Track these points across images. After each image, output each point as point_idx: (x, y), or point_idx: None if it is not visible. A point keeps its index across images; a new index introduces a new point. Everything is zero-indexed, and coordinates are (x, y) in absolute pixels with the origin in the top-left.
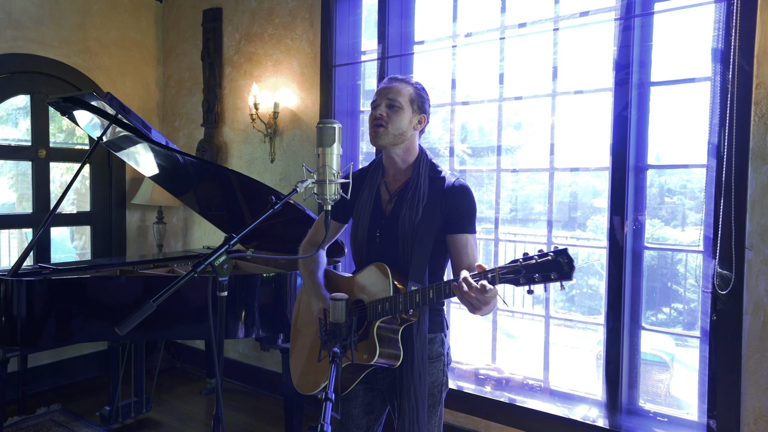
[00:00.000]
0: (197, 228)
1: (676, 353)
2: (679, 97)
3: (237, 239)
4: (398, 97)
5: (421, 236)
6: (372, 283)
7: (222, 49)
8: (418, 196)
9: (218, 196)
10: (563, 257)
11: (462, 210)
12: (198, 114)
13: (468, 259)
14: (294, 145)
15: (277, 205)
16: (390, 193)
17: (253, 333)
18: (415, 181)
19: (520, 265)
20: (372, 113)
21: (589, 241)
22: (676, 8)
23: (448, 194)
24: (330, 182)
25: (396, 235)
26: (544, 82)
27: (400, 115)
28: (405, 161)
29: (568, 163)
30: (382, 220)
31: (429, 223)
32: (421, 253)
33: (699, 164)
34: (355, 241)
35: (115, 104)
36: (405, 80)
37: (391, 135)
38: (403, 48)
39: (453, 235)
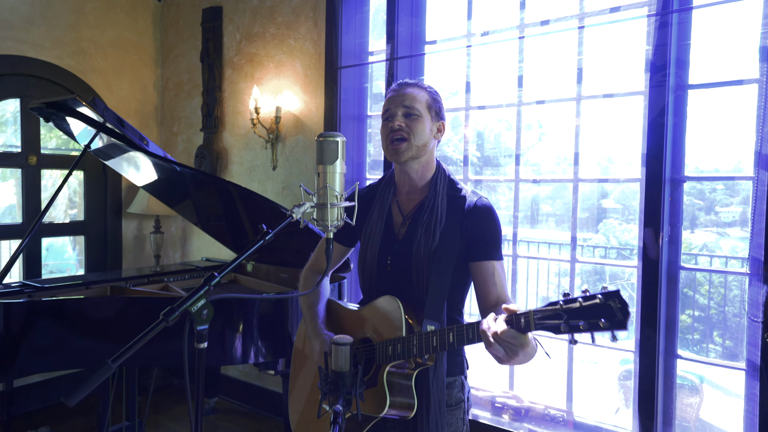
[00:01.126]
0: (196, 238)
1: (705, 374)
2: (720, 101)
3: (219, 278)
4: (415, 104)
5: (439, 265)
6: (382, 319)
7: (222, 49)
8: (436, 218)
9: (217, 208)
10: (615, 301)
11: (487, 234)
12: (197, 118)
13: (496, 290)
14: (297, 152)
15: (268, 235)
16: (403, 214)
17: (251, 359)
18: (431, 201)
19: (560, 308)
20: (386, 126)
21: (601, 248)
22: (718, 2)
23: (470, 216)
24: (332, 206)
25: (410, 263)
26: (568, 85)
27: (421, 123)
28: (422, 177)
29: (593, 173)
30: (394, 246)
31: (448, 250)
32: (438, 285)
33: (745, 176)
34: (363, 269)
35: (108, 115)
36: (418, 84)
37: (414, 148)
38: (414, 48)
39: (477, 263)
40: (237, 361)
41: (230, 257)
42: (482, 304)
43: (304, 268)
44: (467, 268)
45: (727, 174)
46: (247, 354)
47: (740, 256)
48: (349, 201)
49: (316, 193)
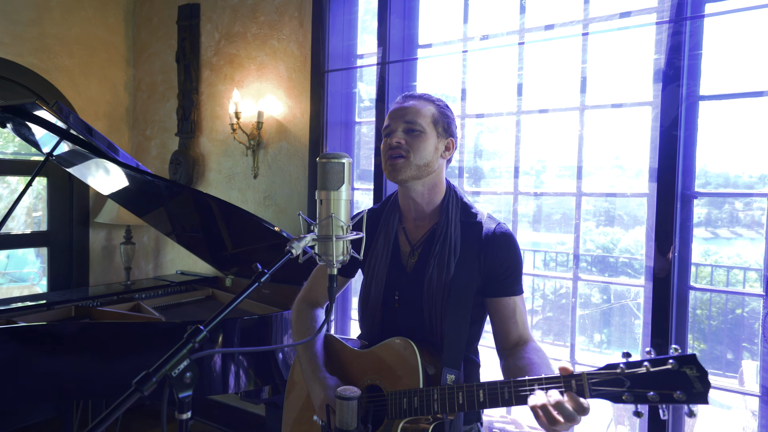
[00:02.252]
0: (170, 249)
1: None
2: (732, 113)
3: (205, 332)
4: (418, 119)
5: (456, 301)
6: (394, 365)
7: (199, 49)
8: (450, 248)
9: (194, 219)
10: (692, 368)
11: (508, 266)
12: (172, 122)
13: (517, 328)
14: (280, 160)
15: (264, 276)
16: (411, 243)
17: (231, 388)
18: (444, 229)
19: (621, 373)
20: (385, 142)
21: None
22: (733, 11)
23: (489, 245)
24: (337, 239)
25: (420, 299)
26: (571, 94)
27: (423, 141)
28: (430, 202)
29: (596, 187)
30: (402, 279)
31: (465, 284)
32: (456, 326)
33: (760, 193)
34: (365, 304)
35: (74, 121)
36: (423, 97)
37: (414, 167)
38: (407, 52)
39: (497, 299)
40: (217, 392)
41: (207, 270)
42: (501, 343)
43: (297, 299)
44: (483, 302)
45: (742, 190)
46: (227, 383)
47: (747, 266)
48: (356, 231)
49: (317, 223)
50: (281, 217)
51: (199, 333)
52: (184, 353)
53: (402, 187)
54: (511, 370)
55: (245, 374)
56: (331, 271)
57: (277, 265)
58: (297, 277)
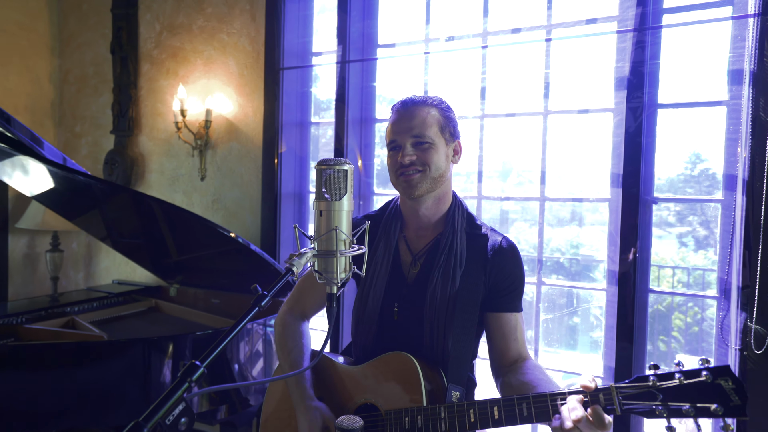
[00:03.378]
0: (104, 256)
1: None
2: (687, 121)
3: (203, 368)
4: (426, 131)
5: (462, 315)
6: (391, 381)
7: (138, 41)
8: (455, 260)
9: (132, 223)
10: (727, 380)
11: (513, 281)
12: (106, 118)
13: (517, 346)
14: (230, 161)
15: (264, 299)
16: (413, 253)
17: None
18: (449, 239)
19: (653, 386)
20: (394, 158)
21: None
22: (692, 23)
23: (495, 259)
24: (341, 254)
25: (421, 312)
26: (534, 99)
27: (435, 153)
28: (436, 212)
29: (560, 192)
30: (402, 290)
31: (470, 298)
32: (461, 341)
33: (715, 199)
34: (360, 316)
35: None
36: (427, 102)
37: (430, 180)
38: (366, 51)
39: (498, 314)
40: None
41: (147, 279)
42: (499, 360)
43: (281, 311)
44: (482, 317)
45: (696, 196)
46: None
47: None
48: (358, 245)
49: (316, 238)
50: (232, 222)
51: (196, 370)
52: (179, 395)
53: (412, 200)
54: (513, 386)
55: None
56: (330, 290)
57: (278, 286)
58: (247, 284)
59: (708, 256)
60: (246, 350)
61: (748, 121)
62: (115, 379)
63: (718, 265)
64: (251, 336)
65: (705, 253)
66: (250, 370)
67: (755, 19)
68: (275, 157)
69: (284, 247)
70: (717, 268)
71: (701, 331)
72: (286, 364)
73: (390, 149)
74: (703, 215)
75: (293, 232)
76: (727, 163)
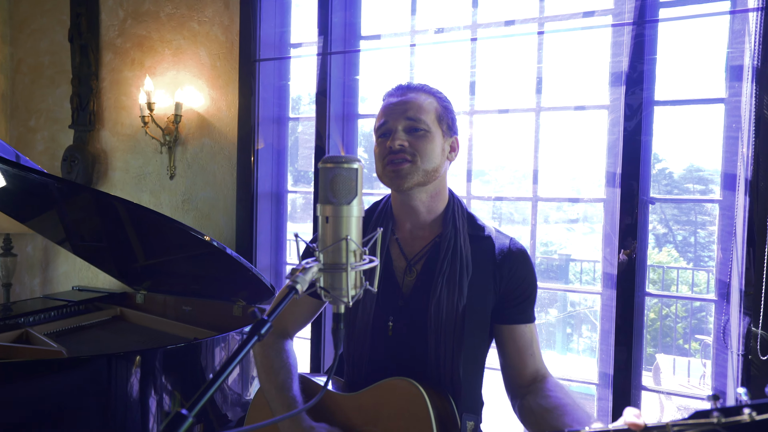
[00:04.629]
0: (63, 261)
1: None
2: (684, 118)
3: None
4: (421, 115)
5: (472, 331)
6: (394, 412)
7: (99, 28)
8: (461, 266)
9: (94, 225)
10: None
11: (525, 288)
12: (65, 111)
13: (534, 361)
14: (202, 159)
15: (265, 325)
16: (407, 257)
17: (153, 429)
18: (451, 242)
19: (718, 423)
20: (382, 145)
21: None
22: (690, 17)
23: (506, 264)
24: (354, 268)
25: (423, 327)
26: (526, 94)
27: (430, 141)
28: (431, 210)
29: (553, 192)
30: (397, 302)
31: (480, 309)
32: (473, 360)
33: (713, 199)
34: (350, 333)
35: None
36: (424, 89)
37: (421, 172)
38: (348, 43)
39: (512, 326)
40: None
41: (111, 285)
42: (515, 379)
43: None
44: (494, 331)
45: (694, 197)
46: (146, 423)
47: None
48: (371, 256)
49: (321, 249)
50: (204, 223)
51: (183, 420)
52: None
53: (402, 194)
54: (536, 412)
55: (171, 409)
56: (338, 309)
57: (280, 308)
58: (222, 291)
59: (671, 253)
60: (222, 358)
61: (751, 118)
62: (74, 403)
63: (717, 267)
64: (227, 342)
65: (668, 251)
66: (227, 380)
67: (758, 14)
68: (251, 154)
69: (261, 250)
70: (716, 269)
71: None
72: (272, 386)
73: (379, 135)
74: (662, 213)
75: (271, 235)
76: (725, 161)
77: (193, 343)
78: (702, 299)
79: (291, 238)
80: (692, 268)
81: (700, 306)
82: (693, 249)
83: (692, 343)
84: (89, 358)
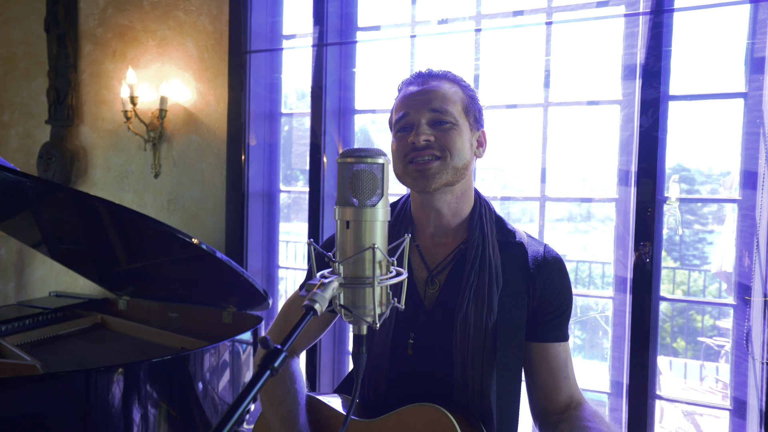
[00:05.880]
0: (39, 265)
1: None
2: (699, 114)
3: None
4: (447, 106)
5: (505, 351)
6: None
7: (78, 17)
8: (491, 277)
9: (74, 227)
10: None
11: (562, 301)
12: (41, 106)
13: (569, 384)
14: (189, 156)
15: (278, 358)
16: (429, 267)
17: None
18: (479, 250)
19: None
20: (403, 140)
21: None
22: (708, 6)
23: (540, 274)
24: (380, 283)
25: (448, 346)
26: (534, 89)
27: (458, 136)
28: (456, 213)
29: (561, 191)
30: (419, 317)
31: (514, 326)
32: (508, 383)
33: (731, 199)
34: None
35: None
36: (447, 77)
37: (450, 171)
38: (344, 34)
39: (545, 345)
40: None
41: (92, 290)
42: (544, 403)
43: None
44: (526, 348)
45: (710, 196)
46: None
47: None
48: (398, 269)
49: (340, 260)
50: (191, 224)
51: None
52: None
53: (425, 195)
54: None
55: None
56: (360, 330)
57: (297, 333)
58: (211, 296)
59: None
60: (212, 369)
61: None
62: (51, 424)
63: (735, 269)
64: (218, 352)
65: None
66: (216, 391)
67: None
68: (242, 151)
69: (252, 252)
70: (735, 271)
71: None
72: (276, 418)
73: (398, 129)
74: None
75: (262, 237)
76: (745, 159)
77: (180, 355)
78: (721, 304)
79: (283, 239)
80: (679, 267)
81: (688, 305)
82: (678, 248)
83: (680, 342)
84: (67, 373)
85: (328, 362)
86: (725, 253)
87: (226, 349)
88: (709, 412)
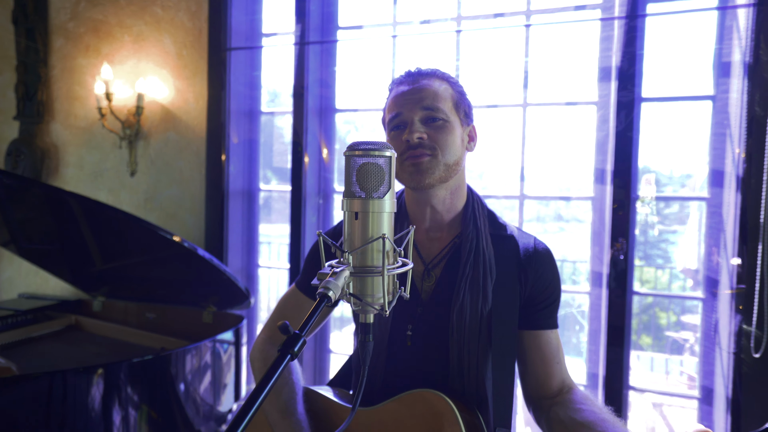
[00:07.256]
0: (7, 265)
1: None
2: (669, 115)
3: None
4: (439, 103)
5: (500, 339)
6: (420, 427)
7: (48, 10)
8: (485, 269)
9: (45, 225)
10: None
11: (552, 291)
12: (8, 101)
13: (560, 370)
14: (166, 154)
15: (297, 343)
16: (425, 261)
17: None
18: (473, 243)
19: None
20: (398, 138)
21: None
22: (680, 11)
23: (531, 266)
24: (389, 272)
25: (445, 337)
26: (513, 89)
27: (450, 132)
28: (450, 208)
29: (539, 190)
30: (416, 309)
31: (507, 316)
32: (503, 370)
33: (699, 197)
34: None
35: None
36: (436, 74)
37: (443, 167)
38: (325, 33)
39: (536, 332)
40: None
41: (63, 291)
42: (537, 389)
43: (258, 340)
44: (517, 337)
45: (682, 194)
46: None
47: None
48: (403, 259)
49: (348, 250)
50: (169, 223)
51: None
52: None
53: (420, 191)
54: (568, 426)
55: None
56: (367, 319)
57: (313, 320)
58: (190, 296)
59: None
60: (194, 369)
61: (743, 115)
62: (26, 427)
63: (704, 264)
64: (199, 352)
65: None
66: (198, 391)
67: (749, 10)
68: (222, 149)
69: (232, 251)
70: (703, 267)
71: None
72: (274, 409)
73: (392, 128)
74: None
75: (242, 235)
76: (713, 159)
77: (161, 355)
78: (690, 297)
79: (264, 240)
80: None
81: (654, 301)
82: (643, 247)
83: (643, 338)
84: (43, 374)
85: (310, 360)
86: (689, 250)
87: (207, 349)
88: (677, 402)
